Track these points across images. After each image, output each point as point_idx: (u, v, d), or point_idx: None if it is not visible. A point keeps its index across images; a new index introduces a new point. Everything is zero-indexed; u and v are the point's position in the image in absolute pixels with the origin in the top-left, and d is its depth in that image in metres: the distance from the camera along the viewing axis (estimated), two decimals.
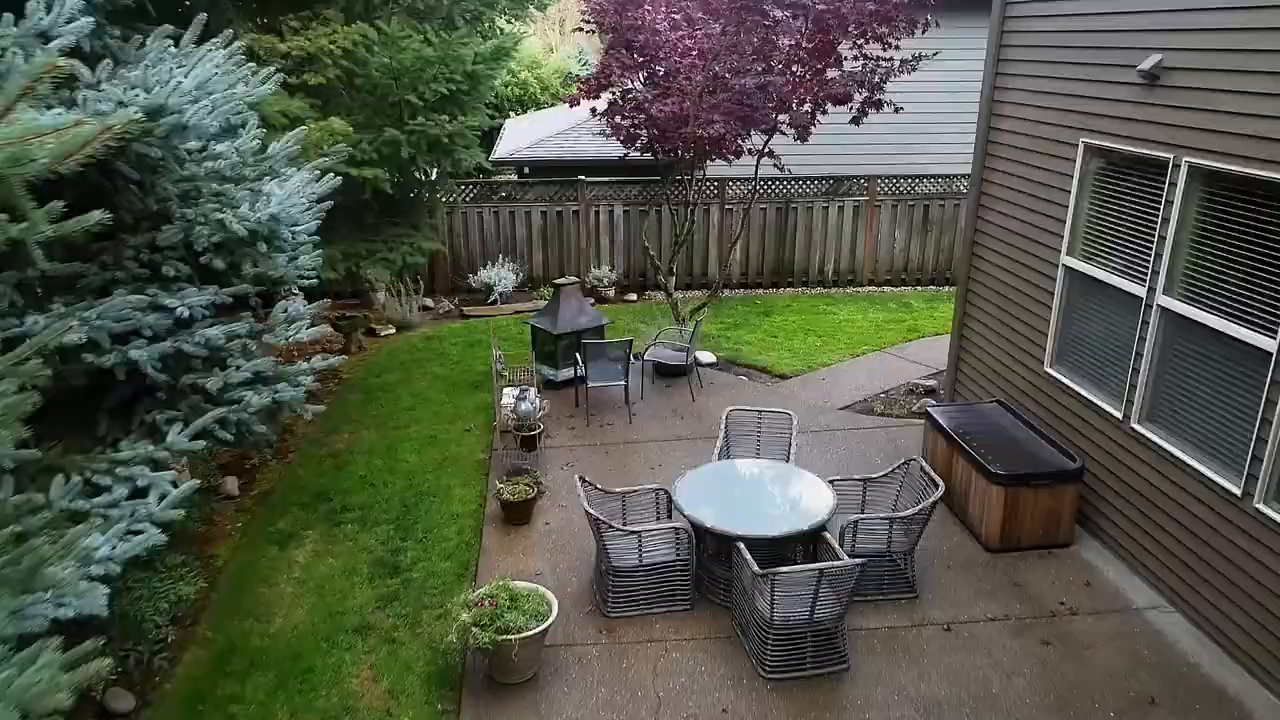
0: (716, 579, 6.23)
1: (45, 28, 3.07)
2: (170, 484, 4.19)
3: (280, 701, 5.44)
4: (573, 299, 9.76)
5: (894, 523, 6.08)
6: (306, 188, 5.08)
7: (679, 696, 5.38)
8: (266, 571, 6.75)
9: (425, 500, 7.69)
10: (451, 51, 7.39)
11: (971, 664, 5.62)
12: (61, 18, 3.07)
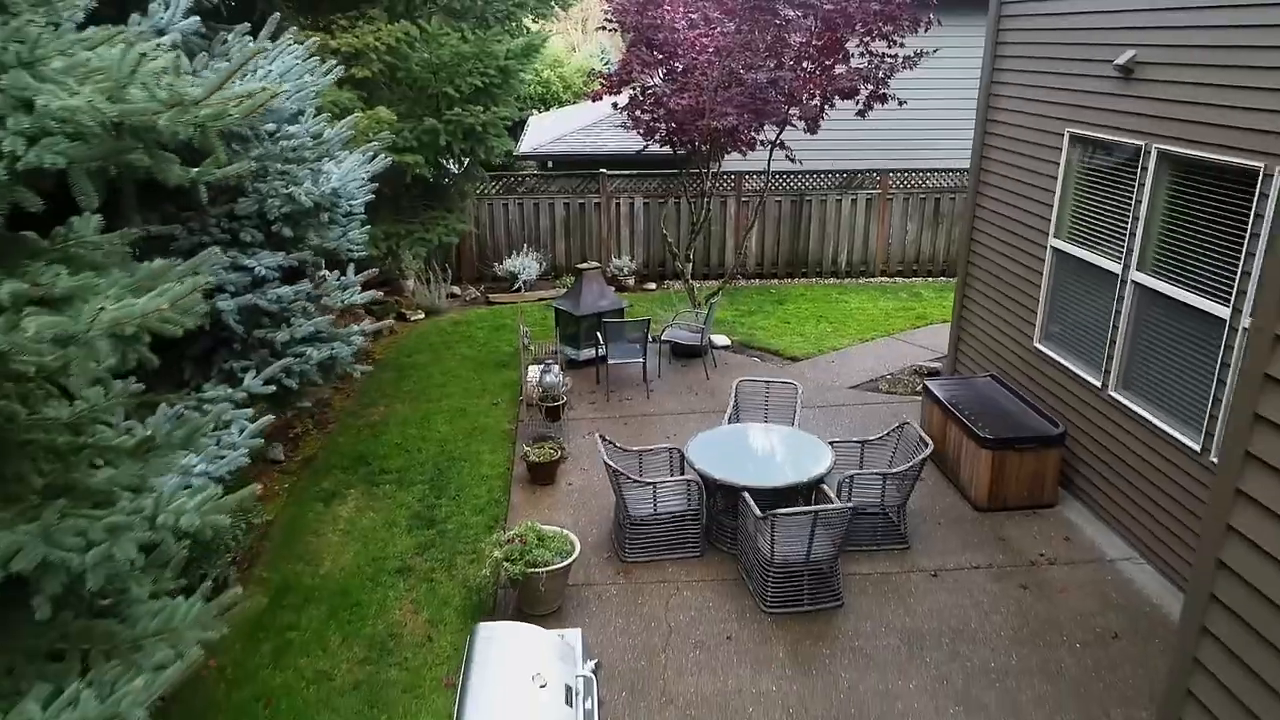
0: (725, 529, 6.92)
1: (162, 25, 3.79)
2: (247, 420, 4.91)
3: (332, 629, 6.18)
4: (594, 283, 10.47)
5: (887, 478, 6.75)
6: (360, 168, 5.84)
7: (688, 627, 6.07)
8: (314, 524, 7.50)
9: (456, 464, 8.42)
10: (486, 48, 8.17)
11: (954, 603, 6.27)
12: (177, 15, 3.79)
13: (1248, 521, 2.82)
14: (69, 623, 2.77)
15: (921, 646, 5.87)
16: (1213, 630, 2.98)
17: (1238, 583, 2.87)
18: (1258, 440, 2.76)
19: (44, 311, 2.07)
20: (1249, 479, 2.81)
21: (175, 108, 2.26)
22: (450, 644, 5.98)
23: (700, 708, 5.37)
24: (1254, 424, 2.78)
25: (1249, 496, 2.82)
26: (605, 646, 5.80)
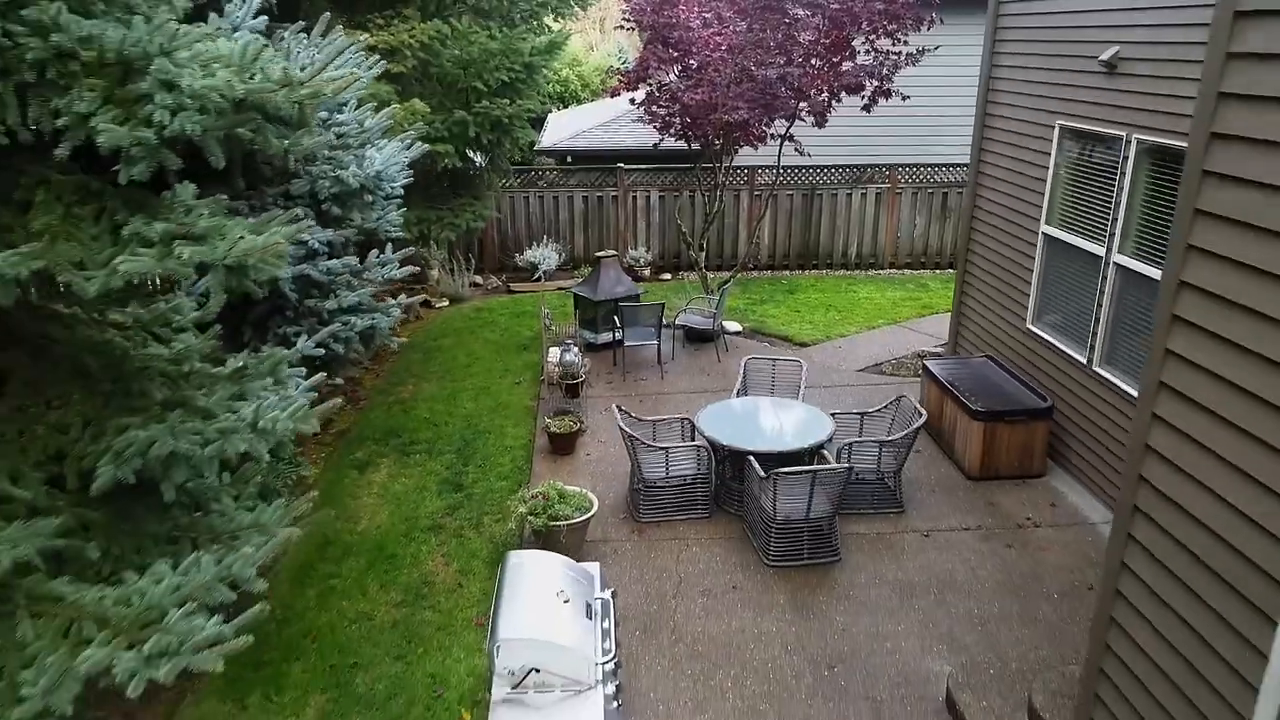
0: (732, 493, 7.49)
1: (237, 22, 4.41)
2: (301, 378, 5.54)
3: (371, 578, 6.80)
4: (611, 270, 11.06)
5: (883, 446, 7.29)
6: (399, 154, 6.45)
7: (697, 577, 6.65)
8: (350, 488, 8.13)
9: (482, 436, 9.03)
10: (512, 45, 8.79)
11: (942, 560, 6.82)
12: (248, 15, 4.41)
13: (1161, 440, 3.35)
14: (180, 517, 3.39)
15: (911, 595, 6.43)
16: (1136, 536, 3.52)
17: (1154, 494, 3.40)
18: (1167, 371, 3.30)
19: (192, 243, 2.67)
20: (1161, 404, 3.34)
21: (286, 87, 2.85)
22: (479, 590, 6.58)
23: (706, 645, 5.95)
24: (1165, 358, 3.32)
25: (1162, 419, 3.35)
26: (620, 593, 6.38)
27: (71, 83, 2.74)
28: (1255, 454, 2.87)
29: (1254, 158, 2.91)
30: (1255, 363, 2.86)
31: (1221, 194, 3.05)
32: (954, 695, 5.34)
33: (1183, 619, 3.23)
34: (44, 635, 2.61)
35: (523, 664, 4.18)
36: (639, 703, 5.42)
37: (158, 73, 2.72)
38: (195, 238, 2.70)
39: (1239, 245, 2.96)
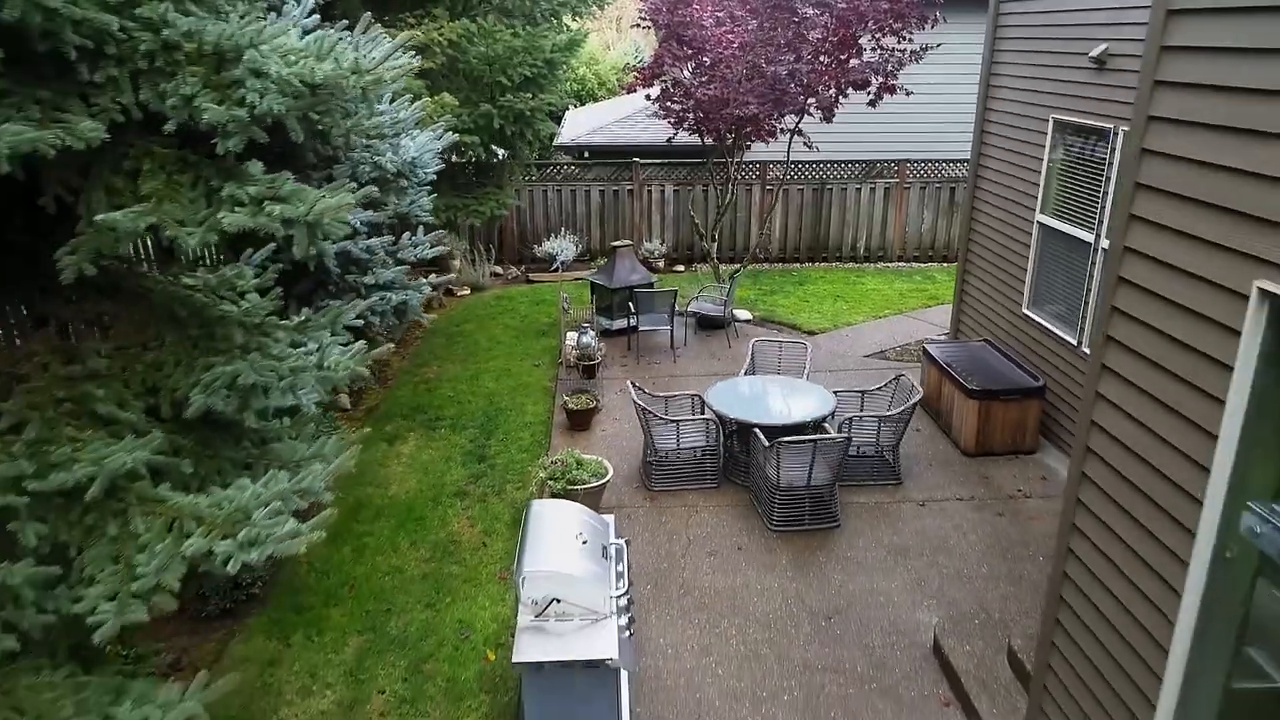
0: (739, 465, 8.00)
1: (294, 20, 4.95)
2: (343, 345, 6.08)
3: (401, 536, 7.35)
4: (627, 259, 11.58)
5: (882, 420, 7.78)
6: (431, 143, 6.99)
7: (704, 539, 7.16)
8: (380, 458, 8.68)
9: (503, 413, 9.58)
10: (534, 42, 9.34)
11: (936, 526, 7.30)
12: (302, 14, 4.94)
13: (1110, 388, 3.83)
14: (251, 449, 3.93)
15: (905, 557, 6.91)
16: (1088, 474, 4.00)
17: (1103, 435, 3.88)
18: (1113, 326, 3.78)
19: (279, 203, 3.20)
20: (1109, 356, 3.82)
21: (355, 74, 3.38)
22: (502, 549, 7.11)
23: (712, 597, 6.46)
24: (1111, 314, 3.80)
25: (1110, 369, 3.83)
26: (633, 553, 6.89)
27: (176, 70, 3.27)
28: (1182, 393, 3.35)
29: (1183, 137, 3.39)
30: (1184, 314, 3.34)
31: (1157, 169, 3.54)
32: (940, 642, 5.83)
33: (1123, 541, 3.71)
34: (152, 529, 3.14)
35: (545, 594, 4.70)
36: (649, 647, 5.94)
37: (248, 62, 3.25)
38: (281, 199, 3.23)
39: (1171, 213, 3.44)
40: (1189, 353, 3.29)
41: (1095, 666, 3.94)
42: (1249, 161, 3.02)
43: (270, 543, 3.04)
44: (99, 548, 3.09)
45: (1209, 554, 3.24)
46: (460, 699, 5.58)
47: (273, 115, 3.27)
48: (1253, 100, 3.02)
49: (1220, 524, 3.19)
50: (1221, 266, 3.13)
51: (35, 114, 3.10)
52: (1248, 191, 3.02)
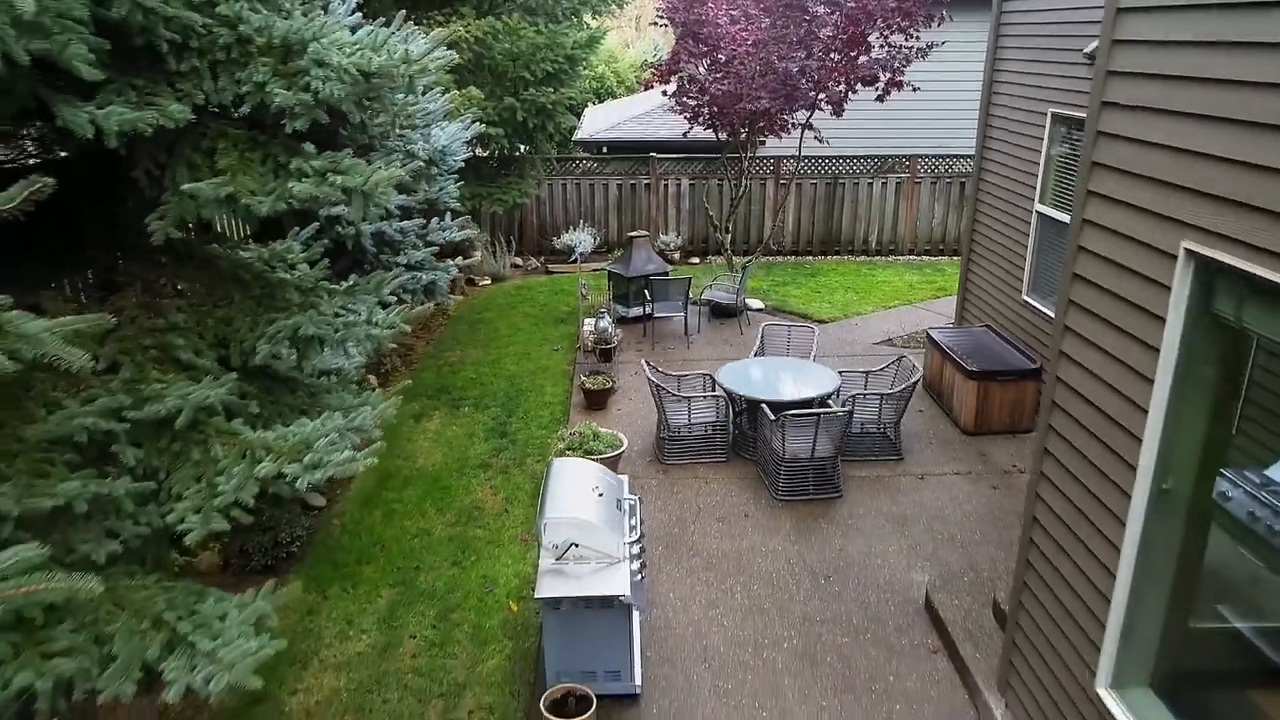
0: (748, 441, 8.50)
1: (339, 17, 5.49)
2: None
3: (428, 503, 7.90)
4: (643, 249, 12.11)
5: (884, 398, 8.26)
6: (460, 133, 7.54)
7: (714, 507, 7.67)
8: (407, 434, 9.24)
9: (524, 394, 10.12)
10: (555, 40, 9.90)
11: (934, 497, 7.78)
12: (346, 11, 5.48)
13: (1070, 346, 4.31)
14: (306, 398, 4.48)
15: (903, 525, 7.40)
16: (1054, 426, 4.48)
17: (1065, 389, 4.35)
18: (1074, 290, 4.26)
19: (340, 175, 3.73)
20: (1070, 317, 4.30)
21: (405, 64, 3.91)
22: (523, 515, 7.65)
23: (719, 559, 6.96)
24: (1072, 281, 4.28)
25: (1072, 330, 4.30)
26: (645, 518, 7.41)
27: (249, 60, 3.82)
28: (1126, 344, 3.82)
29: (1128, 119, 3.87)
30: (1128, 275, 3.82)
31: (1109, 149, 4.02)
32: (931, 597, 6.31)
33: (1079, 481, 4.19)
34: (229, 455, 3.68)
35: (564, 539, 5.22)
36: (660, 601, 6.45)
37: (312, 53, 3.79)
38: (341, 171, 3.77)
39: (1119, 187, 3.92)
40: (1131, 308, 3.77)
41: (1057, 597, 4.42)
42: (1178, 139, 3.50)
43: (330, 466, 3.57)
44: (185, 470, 3.64)
45: (1148, 486, 3.72)
46: (485, 643, 6.12)
47: (334, 100, 3.81)
48: (1180, 86, 3.51)
49: (1157, 458, 3.67)
50: (1157, 231, 3.61)
51: (132, 98, 3.66)
52: (1177, 165, 3.50)
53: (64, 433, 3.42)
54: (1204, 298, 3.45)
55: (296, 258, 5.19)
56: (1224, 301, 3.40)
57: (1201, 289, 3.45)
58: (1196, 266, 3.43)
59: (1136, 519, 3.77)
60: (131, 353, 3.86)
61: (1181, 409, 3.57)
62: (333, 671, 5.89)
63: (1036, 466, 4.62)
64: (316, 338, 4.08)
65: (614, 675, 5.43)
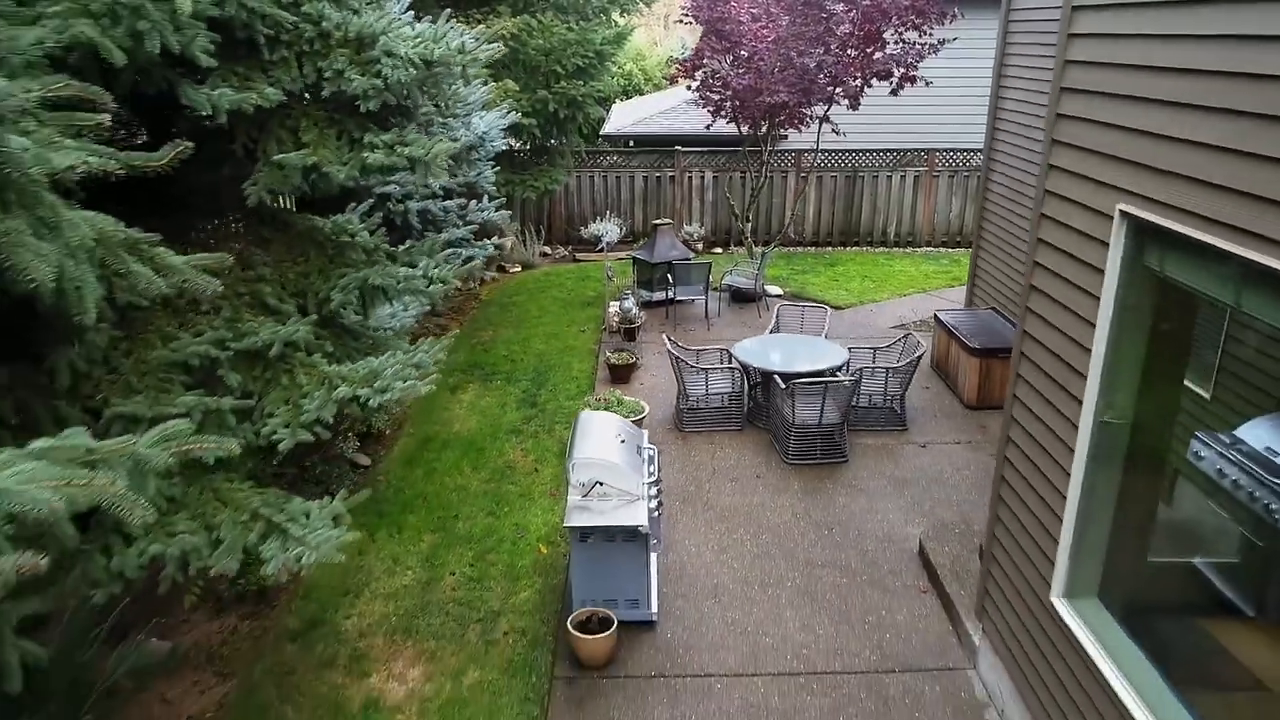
0: (761, 411, 9.19)
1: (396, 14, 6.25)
2: None
3: (465, 463, 8.66)
4: (667, 236, 12.82)
5: (889, 372, 8.92)
6: (498, 121, 8.30)
7: (727, 469, 8.37)
8: (444, 404, 10.02)
9: (552, 369, 10.87)
10: (585, 36, 10.65)
11: (934, 463, 8.43)
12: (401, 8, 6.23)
13: (1035, 303, 4.96)
14: (370, 345, 5.25)
15: (903, 486, 8.06)
16: (1021, 374, 5.14)
17: (1031, 341, 5.00)
18: (1039, 253, 4.92)
19: (406, 146, 4.47)
20: (1036, 277, 4.96)
21: (460, 54, 4.64)
22: (551, 474, 8.39)
23: (731, 512, 7.66)
24: (1037, 245, 4.93)
25: (1037, 288, 4.96)
26: (663, 478, 8.11)
27: (329, 51, 4.57)
28: (1076, 295, 4.48)
29: (1079, 101, 4.52)
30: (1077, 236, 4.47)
31: (1065, 128, 4.68)
32: (924, 546, 6.97)
33: (1039, 418, 4.85)
34: (311, 382, 4.44)
35: (590, 478, 5.94)
36: (676, 548, 7.16)
37: (383, 45, 4.54)
38: (407, 144, 4.51)
39: (1072, 160, 4.58)
40: (1079, 264, 4.44)
41: (1021, 523, 5.08)
42: (1117, 117, 4.16)
43: (396, 390, 4.32)
44: (275, 394, 4.40)
45: (1091, 418, 4.38)
46: (517, 579, 6.86)
47: (401, 84, 4.56)
48: (1120, 72, 4.17)
49: (1099, 393, 4.33)
50: (1099, 196, 4.27)
51: (234, 83, 4.43)
52: (1116, 140, 4.16)
53: (180, 358, 4.19)
54: (1134, 252, 4.11)
55: (356, 228, 5.95)
56: (1150, 255, 4.06)
57: (1133, 245, 4.11)
58: (1129, 225, 4.09)
59: (1083, 446, 4.43)
60: (229, 297, 4.63)
61: (1117, 348, 4.23)
62: (382, 600, 6.66)
63: (1008, 412, 5.29)
64: (381, 288, 4.85)
65: (633, 604, 6.15)
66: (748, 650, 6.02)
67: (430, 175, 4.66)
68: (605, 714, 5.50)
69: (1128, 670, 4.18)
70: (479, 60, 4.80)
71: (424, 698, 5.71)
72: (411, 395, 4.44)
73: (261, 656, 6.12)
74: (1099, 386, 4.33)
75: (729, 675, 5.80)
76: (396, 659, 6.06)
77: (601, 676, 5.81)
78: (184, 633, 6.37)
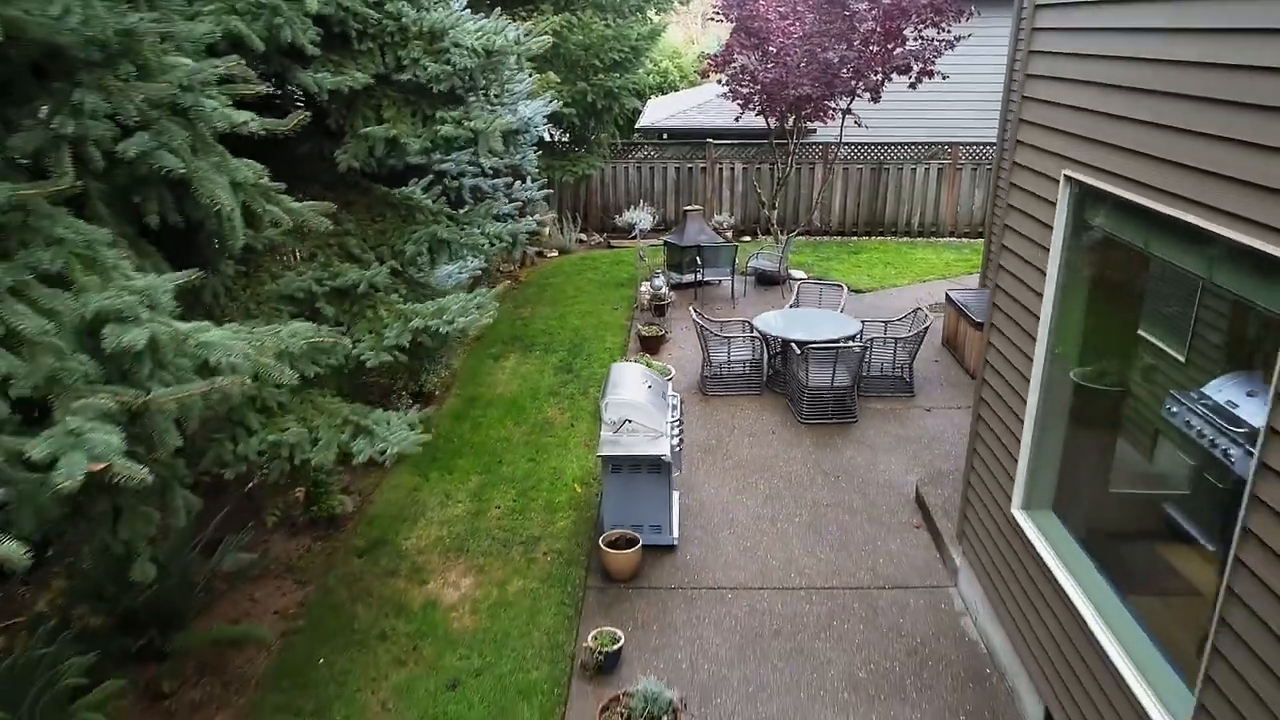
0: (780, 378, 10.09)
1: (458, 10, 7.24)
2: None
3: (507, 419, 9.67)
4: (696, 221, 13.75)
5: (898, 341, 9.78)
6: (541, 109, 9.29)
7: (746, 427, 9.30)
8: (487, 370, 11.04)
9: (587, 341, 11.85)
10: (621, 32, 11.64)
11: (936, 425, 9.28)
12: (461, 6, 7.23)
13: (1005, 259, 5.83)
14: (435, 294, 6.25)
15: (906, 443, 8.93)
16: (995, 323, 6.00)
17: (1001, 293, 5.87)
18: (1009, 217, 5.79)
19: (470, 121, 5.45)
20: (1007, 237, 5.82)
21: (517, 44, 5.61)
22: (585, 429, 9.36)
23: (747, 462, 8.58)
24: (1008, 210, 5.80)
25: (1007, 247, 5.82)
26: (686, 433, 9.04)
27: (407, 42, 5.56)
28: (1032, 249, 5.34)
29: (1039, 86, 5.39)
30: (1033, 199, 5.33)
31: (1029, 110, 5.55)
32: (920, 489, 7.84)
33: (1003, 354, 5.72)
34: (390, 315, 5.44)
35: (621, 416, 6.90)
36: (696, 491, 8.09)
37: (451, 37, 5.52)
38: (471, 119, 5.49)
39: (1033, 135, 5.45)
40: (1034, 222, 5.32)
41: (990, 449, 5.95)
42: (1063, 97, 5.03)
43: (462, 321, 5.31)
44: (361, 324, 5.41)
45: (1044, 351, 5.25)
46: (555, 512, 7.84)
47: (466, 71, 5.55)
48: (1067, 60, 5.04)
49: (1049, 330, 5.19)
50: (1050, 164, 5.14)
51: (330, 69, 5.44)
52: (1062, 116, 5.03)
53: (288, 291, 5.22)
54: (1076, 210, 4.98)
55: (420, 199, 6.97)
56: (1089, 212, 4.93)
57: (1074, 204, 4.98)
58: (1071, 188, 4.96)
59: (1037, 376, 5.31)
60: (323, 247, 5.66)
61: (1064, 292, 5.11)
62: (436, 526, 7.67)
63: (984, 353, 6.17)
64: (447, 242, 5.85)
65: (656, 529, 7.09)
66: (756, 569, 6.94)
67: (488, 147, 5.64)
68: (631, 615, 6.45)
69: (1075, 571, 5.04)
70: (531, 50, 5.78)
71: (475, 600, 6.71)
72: (476, 324, 5.42)
73: (333, 568, 7.15)
74: (1049, 324, 5.21)
75: (739, 588, 6.73)
76: (450, 571, 7.06)
77: (628, 587, 6.76)
78: (266, 549, 7.42)
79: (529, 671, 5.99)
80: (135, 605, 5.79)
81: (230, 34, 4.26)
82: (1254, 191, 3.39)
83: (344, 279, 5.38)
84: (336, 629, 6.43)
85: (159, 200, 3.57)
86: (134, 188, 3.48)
